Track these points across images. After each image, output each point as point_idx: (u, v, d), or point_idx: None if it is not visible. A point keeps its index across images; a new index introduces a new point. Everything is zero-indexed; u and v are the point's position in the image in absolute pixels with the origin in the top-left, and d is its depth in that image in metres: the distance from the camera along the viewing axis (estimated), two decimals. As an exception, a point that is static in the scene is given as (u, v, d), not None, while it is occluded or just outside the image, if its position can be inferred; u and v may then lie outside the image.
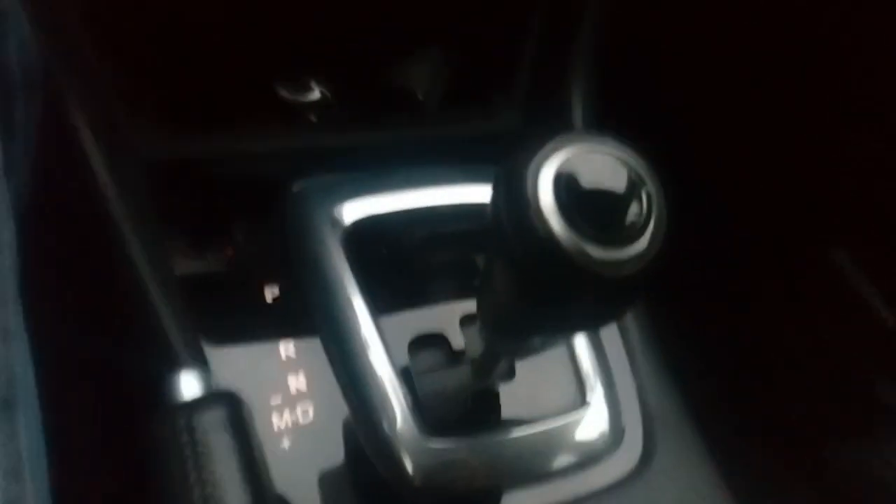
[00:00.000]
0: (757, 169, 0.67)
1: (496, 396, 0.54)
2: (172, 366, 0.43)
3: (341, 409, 0.52)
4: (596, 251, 0.33)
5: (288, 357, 0.53)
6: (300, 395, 0.52)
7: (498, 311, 0.43)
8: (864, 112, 0.58)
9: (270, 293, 0.55)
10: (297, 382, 0.53)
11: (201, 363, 0.45)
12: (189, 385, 0.43)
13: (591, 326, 0.48)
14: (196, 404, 0.42)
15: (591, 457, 0.54)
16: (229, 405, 0.42)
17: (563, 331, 0.43)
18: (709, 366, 0.75)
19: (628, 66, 0.65)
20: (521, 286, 0.36)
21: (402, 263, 0.58)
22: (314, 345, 0.54)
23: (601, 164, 0.34)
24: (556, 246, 0.33)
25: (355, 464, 0.52)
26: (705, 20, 0.63)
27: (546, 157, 0.34)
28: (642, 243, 0.34)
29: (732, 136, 0.67)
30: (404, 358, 0.54)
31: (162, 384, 0.42)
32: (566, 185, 0.33)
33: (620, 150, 0.34)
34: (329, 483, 0.51)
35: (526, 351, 0.47)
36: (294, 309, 0.55)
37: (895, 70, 0.54)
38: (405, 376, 0.53)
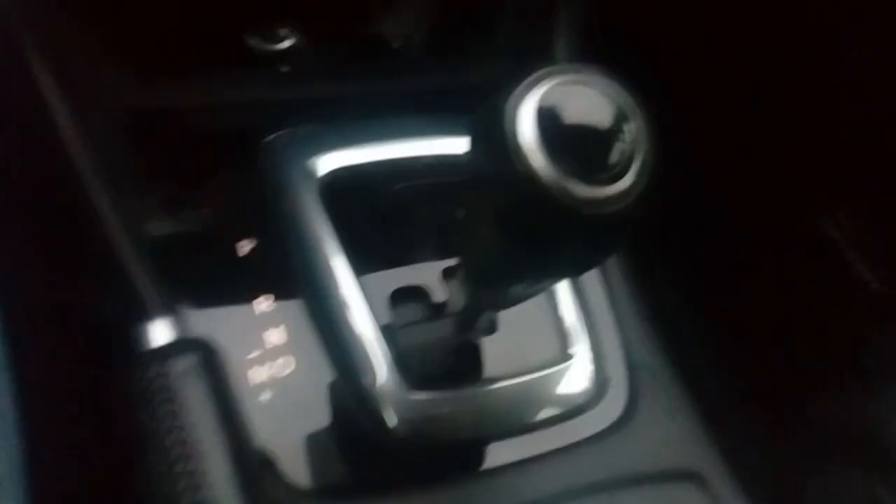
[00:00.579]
0: (753, 143, 0.67)
1: (479, 349, 0.53)
2: (143, 314, 0.42)
3: (321, 363, 0.52)
4: (579, 189, 0.32)
5: (265, 311, 0.52)
6: (278, 349, 0.51)
7: (479, 257, 0.42)
8: (850, 88, 0.58)
9: (246, 247, 0.54)
10: (274, 336, 0.52)
11: (173, 312, 0.43)
12: (160, 333, 0.42)
13: (575, 271, 0.47)
14: (167, 350, 0.40)
15: (574, 408, 0.54)
16: (201, 351, 0.41)
17: (547, 276, 0.42)
18: (695, 321, 0.75)
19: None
20: (502, 228, 0.35)
21: (381, 216, 0.57)
22: (292, 298, 0.53)
23: (585, 97, 0.33)
24: (537, 184, 0.32)
25: (337, 417, 0.51)
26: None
27: (527, 91, 0.33)
28: (627, 180, 0.33)
29: (728, 111, 0.67)
30: (385, 312, 0.53)
31: (133, 332, 0.41)
32: (548, 120, 0.32)
33: (605, 83, 0.33)
34: (310, 436, 0.51)
35: (508, 301, 0.46)
36: (270, 263, 0.54)
37: (883, 45, 0.54)
38: (387, 330, 0.52)
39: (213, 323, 0.49)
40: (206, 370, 0.40)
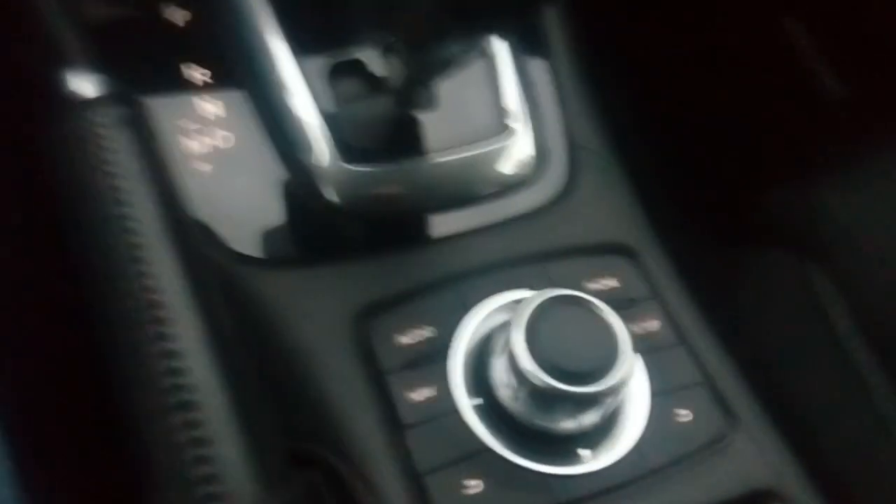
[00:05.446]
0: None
1: (419, 124, 0.53)
2: (63, 67, 0.41)
3: (260, 138, 0.52)
4: None
5: (203, 82, 0.51)
6: (216, 122, 0.51)
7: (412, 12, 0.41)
8: None
9: (182, 17, 0.52)
10: (211, 109, 0.51)
11: (96, 68, 0.42)
12: (89, 86, 0.40)
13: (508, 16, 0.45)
14: (90, 102, 0.39)
15: (514, 183, 0.55)
16: (128, 103, 0.40)
17: (479, 21, 0.41)
18: (639, 111, 0.75)
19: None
20: None
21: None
22: (229, 72, 0.52)
23: None
24: None
25: (279, 190, 0.52)
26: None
27: None
28: None
29: None
30: (324, 88, 0.53)
31: (53, 85, 0.40)
32: None
33: None
34: (251, 207, 0.51)
35: (445, 65, 0.46)
36: (205, 37, 0.52)
37: None
38: (326, 106, 0.52)
39: (146, 86, 0.48)
40: (136, 121, 0.39)
